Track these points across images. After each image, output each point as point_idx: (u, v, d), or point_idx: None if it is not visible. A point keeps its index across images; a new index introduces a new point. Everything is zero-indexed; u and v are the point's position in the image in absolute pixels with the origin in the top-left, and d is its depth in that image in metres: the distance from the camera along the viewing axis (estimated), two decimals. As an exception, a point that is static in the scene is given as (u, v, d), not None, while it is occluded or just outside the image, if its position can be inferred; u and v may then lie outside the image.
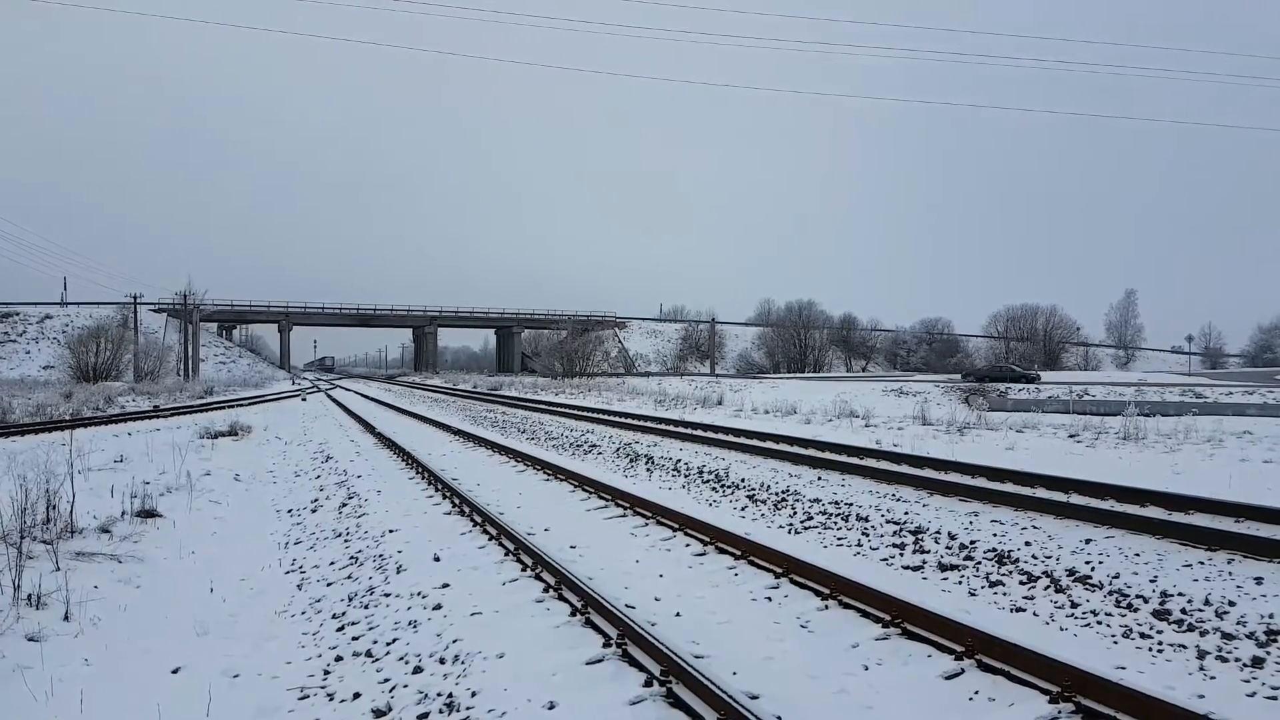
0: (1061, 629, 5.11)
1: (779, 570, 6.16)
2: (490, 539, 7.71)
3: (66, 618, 5.56)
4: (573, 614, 5.29)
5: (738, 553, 6.78)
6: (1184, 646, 4.65)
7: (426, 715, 4.13)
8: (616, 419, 21.51)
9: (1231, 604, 5.12)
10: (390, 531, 8.34)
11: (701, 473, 11.63)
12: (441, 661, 4.77)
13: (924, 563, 6.66)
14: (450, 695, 4.27)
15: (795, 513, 8.75)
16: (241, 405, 32.68)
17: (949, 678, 4.23)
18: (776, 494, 9.70)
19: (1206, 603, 5.18)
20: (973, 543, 6.92)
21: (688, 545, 7.34)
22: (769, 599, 5.71)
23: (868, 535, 7.60)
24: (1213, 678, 4.24)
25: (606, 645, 4.67)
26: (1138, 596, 5.41)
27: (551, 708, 3.98)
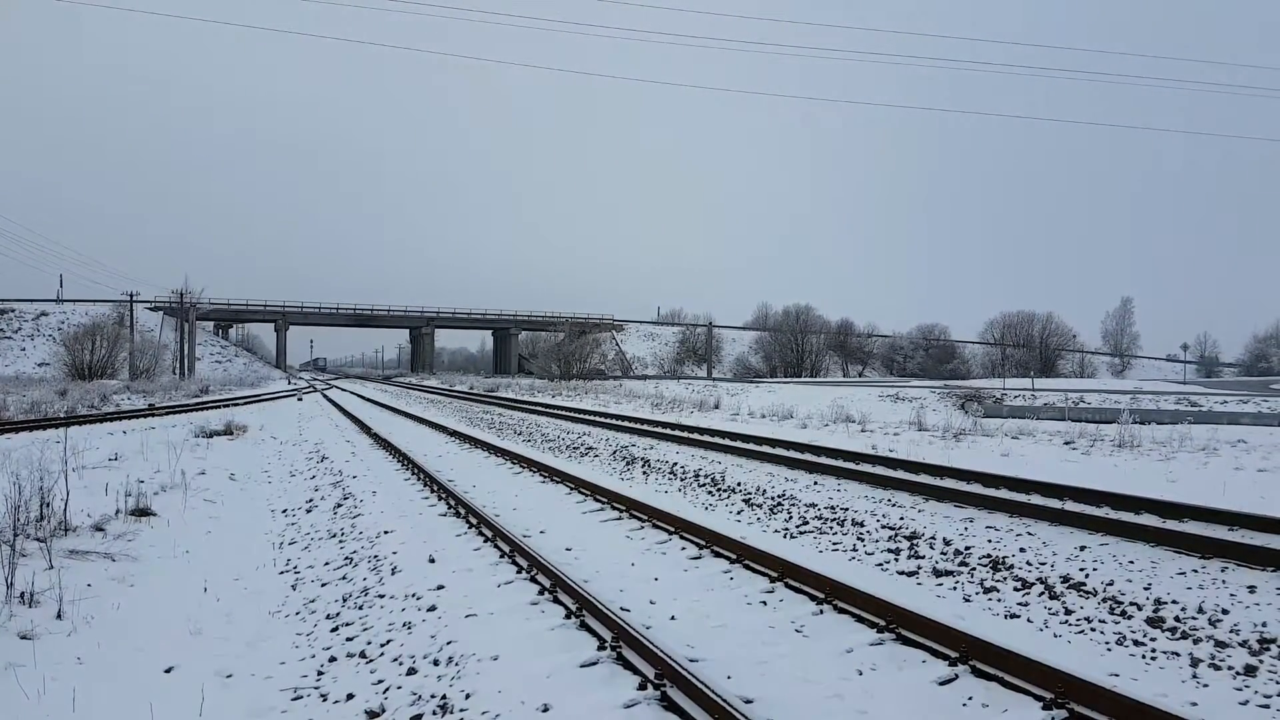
0: (1055, 635, 5.12)
1: (774, 574, 6.17)
2: (486, 541, 7.70)
3: (59, 616, 5.55)
4: (568, 616, 5.28)
5: (733, 556, 6.78)
6: (1177, 654, 4.67)
7: (420, 717, 4.12)
8: (613, 422, 21.50)
9: (1225, 612, 5.14)
10: (385, 532, 8.32)
11: (698, 476, 11.63)
12: (435, 663, 4.76)
13: (919, 568, 6.67)
14: (444, 697, 4.26)
15: (791, 517, 8.75)
16: (237, 404, 32.62)
17: (943, 683, 4.24)
18: (772, 498, 9.70)
19: (1200, 611, 5.20)
20: (968, 548, 6.93)
21: (683, 548, 7.34)
22: (764, 603, 5.71)
23: (863, 540, 7.61)
24: (1206, 685, 4.25)
25: (601, 648, 4.67)
26: (1131, 604, 5.43)
27: (545, 710, 3.97)
